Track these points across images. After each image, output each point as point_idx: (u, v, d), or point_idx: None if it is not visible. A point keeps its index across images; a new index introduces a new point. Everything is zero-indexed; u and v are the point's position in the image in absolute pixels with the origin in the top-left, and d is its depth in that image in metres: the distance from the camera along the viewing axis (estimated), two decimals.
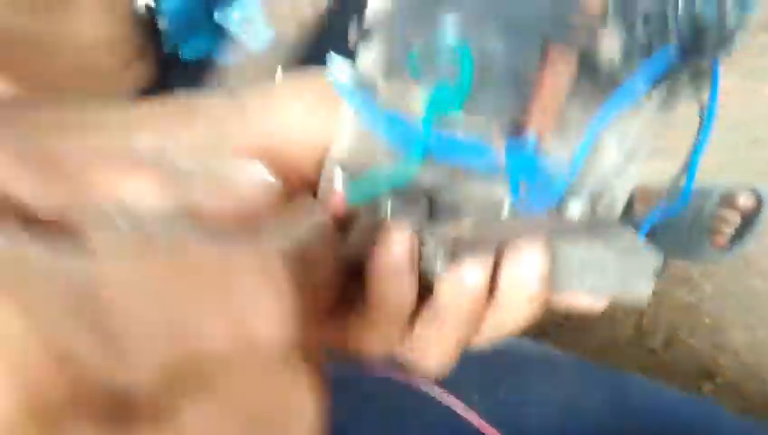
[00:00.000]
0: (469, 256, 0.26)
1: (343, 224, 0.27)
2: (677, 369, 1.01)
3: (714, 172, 1.37)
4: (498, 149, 0.25)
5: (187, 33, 0.78)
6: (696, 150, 0.29)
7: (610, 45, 0.24)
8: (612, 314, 1.09)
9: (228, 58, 0.81)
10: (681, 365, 1.01)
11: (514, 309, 0.27)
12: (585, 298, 0.28)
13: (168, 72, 0.80)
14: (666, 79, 0.26)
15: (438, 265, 0.26)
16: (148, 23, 0.74)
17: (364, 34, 0.25)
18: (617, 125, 0.28)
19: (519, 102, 0.26)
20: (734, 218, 1.09)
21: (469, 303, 0.26)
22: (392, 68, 0.25)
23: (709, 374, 1.02)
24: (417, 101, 0.25)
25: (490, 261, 0.26)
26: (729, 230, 1.09)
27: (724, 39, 0.24)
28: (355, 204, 0.26)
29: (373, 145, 0.26)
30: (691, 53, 0.25)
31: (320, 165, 0.29)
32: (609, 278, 0.28)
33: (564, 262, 0.27)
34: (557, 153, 0.28)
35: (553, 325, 1.08)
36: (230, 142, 0.29)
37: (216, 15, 0.82)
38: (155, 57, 0.77)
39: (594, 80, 0.26)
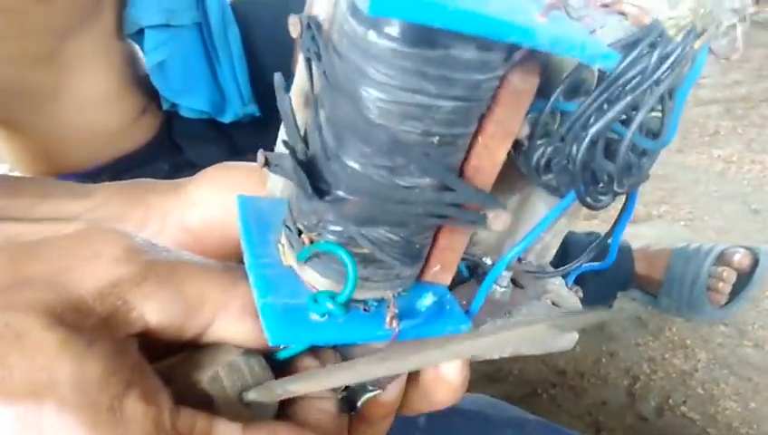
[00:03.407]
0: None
1: None
2: None
3: (714, 237, 1.38)
4: (392, 325, 0.24)
5: (183, 92, 0.78)
6: (618, 224, 0.31)
7: (499, 222, 0.23)
8: (605, 378, 1.09)
9: (227, 116, 0.81)
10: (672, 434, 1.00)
11: (436, 398, 0.29)
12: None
13: (172, 126, 0.81)
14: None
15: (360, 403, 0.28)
16: (149, 78, 0.74)
17: (272, 163, 0.25)
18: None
19: (417, 268, 0.25)
20: (731, 276, 1.11)
21: (390, 408, 0.29)
22: (290, 236, 0.24)
23: None
24: (312, 277, 0.24)
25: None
26: (726, 287, 1.10)
27: (632, 183, 0.26)
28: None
29: None
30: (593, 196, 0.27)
31: (238, 252, 0.30)
32: (528, 344, 0.30)
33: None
34: (489, 236, 0.29)
35: (545, 385, 1.08)
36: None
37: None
38: (159, 112, 0.78)
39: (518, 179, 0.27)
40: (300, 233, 0.24)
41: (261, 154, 0.24)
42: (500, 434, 0.54)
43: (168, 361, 0.24)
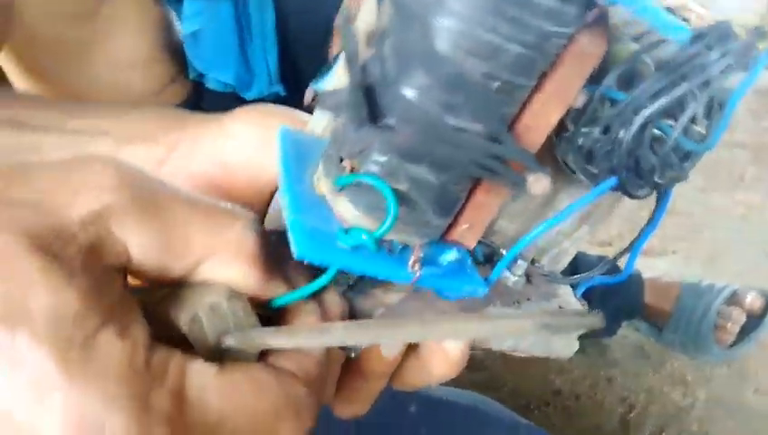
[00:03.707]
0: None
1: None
2: None
3: (729, 281, 1.37)
4: (412, 268, 0.24)
5: (213, 64, 0.78)
6: (641, 236, 0.31)
7: (538, 186, 0.23)
8: (601, 402, 1.08)
9: (252, 92, 0.81)
10: None
11: (434, 370, 0.29)
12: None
13: (200, 98, 0.82)
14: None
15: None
16: (182, 47, 0.75)
17: (321, 99, 0.25)
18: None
19: (446, 221, 0.25)
20: (740, 317, 1.09)
21: (387, 367, 0.29)
22: (329, 163, 0.25)
23: None
24: (344, 206, 0.24)
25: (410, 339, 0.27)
26: (734, 328, 1.08)
27: (669, 181, 0.26)
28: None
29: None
30: (632, 184, 0.26)
31: (264, 196, 0.30)
32: (528, 340, 0.30)
33: None
34: (508, 224, 0.29)
35: (539, 402, 1.07)
36: (180, 166, 0.31)
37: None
38: (188, 82, 0.78)
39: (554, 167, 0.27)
40: (341, 160, 0.24)
41: (310, 90, 0.24)
42: (494, 432, 0.54)
43: (156, 293, 0.23)
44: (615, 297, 1.08)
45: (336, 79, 0.26)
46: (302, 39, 0.84)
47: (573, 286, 0.33)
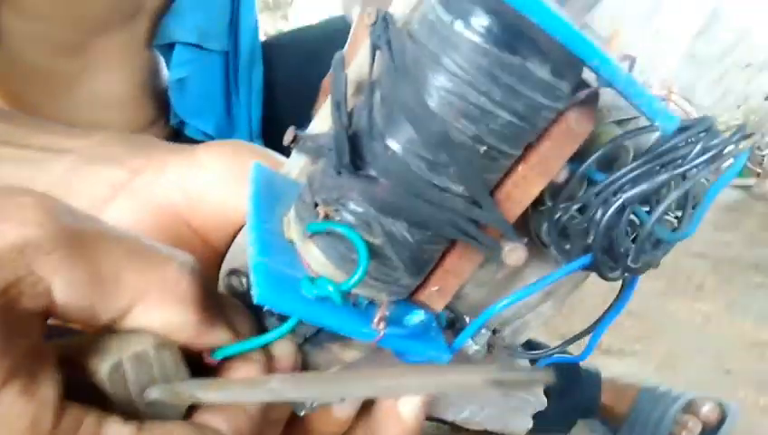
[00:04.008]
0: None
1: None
2: None
3: (683, 388, 1.36)
4: (378, 327, 0.23)
5: (195, 112, 0.78)
6: (604, 318, 0.31)
7: (514, 256, 0.23)
8: None
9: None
10: None
11: (388, 433, 0.28)
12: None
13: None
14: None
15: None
16: (165, 92, 0.74)
17: (302, 141, 0.25)
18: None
19: (416, 280, 0.25)
20: (696, 427, 1.07)
21: (338, 428, 0.27)
22: (302, 208, 0.24)
23: None
24: (312, 253, 0.23)
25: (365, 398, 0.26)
26: None
27: (640, 267, 0.26)
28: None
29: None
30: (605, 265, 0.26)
31: (227, 232, 0.28)
32: (484, 413, 0.29)
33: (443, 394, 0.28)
34: (474, 290, 0.29)
35: None
36: (143, 191, 0.30)
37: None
38: (167, 128, 0.78)
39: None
40: (315, 205, 0.23)
41: (290, 131, 0.24)
42: None
43: (80, 339, 0.21)
44: (572, 395, 1.06)
45: (320, 122, 0.26)
46: (288, 97, 0.85)
47: (533, 362, 0.32)
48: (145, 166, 0.30)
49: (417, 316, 0.24)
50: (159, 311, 0.21)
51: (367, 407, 0.28)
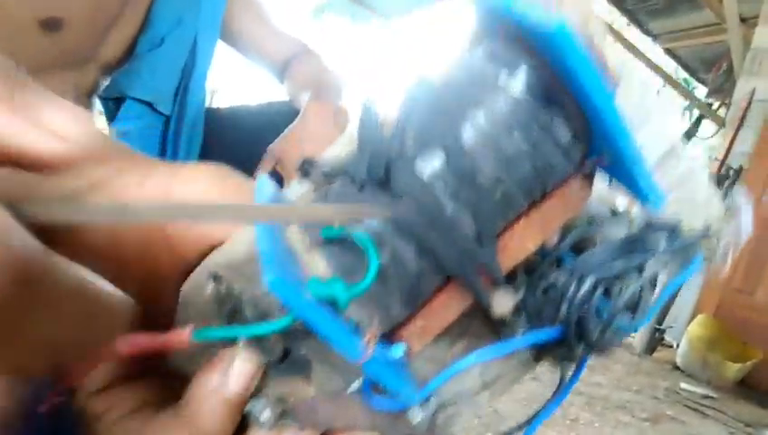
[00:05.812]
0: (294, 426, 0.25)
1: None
2: None
3: None
4: (365, 347, 0.22)
5: None
6: (546, 408, 0.31)
7: (503, 304, 0.24)
8: None
9: None
10: None
11: None
12: None
13: None
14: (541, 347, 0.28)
15: (264, 416, 0.25)
16: None
17: (308, 169, 0.25)
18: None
19: (405, 312, 0.25)
20: None
21: None
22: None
23: None
24: (316, 263, 0.23)
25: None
26: None
27: (600, 347, 0.27)
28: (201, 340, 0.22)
29: (255, 272, 0.23)
30: (569, 342, 0.28)
31: (200, 241, 0.28)
32: None
33: None
34: (424, 365, 0.28)
35: None
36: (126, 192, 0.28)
37: None
38: None
39: (483, 319, 0.27)
40: None
41: (270, 155, 0.24)
42: None
43: None
44: None
45: (339, 149, 0.26)
46: (226, 162, 0.85)
47: None
48: (130, 168, 0.29)
49: (399, 351, 0.24)
50: None
51: None
